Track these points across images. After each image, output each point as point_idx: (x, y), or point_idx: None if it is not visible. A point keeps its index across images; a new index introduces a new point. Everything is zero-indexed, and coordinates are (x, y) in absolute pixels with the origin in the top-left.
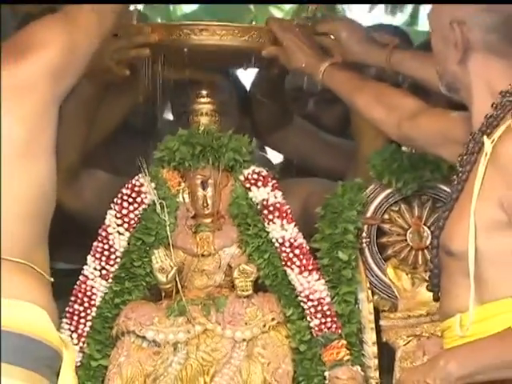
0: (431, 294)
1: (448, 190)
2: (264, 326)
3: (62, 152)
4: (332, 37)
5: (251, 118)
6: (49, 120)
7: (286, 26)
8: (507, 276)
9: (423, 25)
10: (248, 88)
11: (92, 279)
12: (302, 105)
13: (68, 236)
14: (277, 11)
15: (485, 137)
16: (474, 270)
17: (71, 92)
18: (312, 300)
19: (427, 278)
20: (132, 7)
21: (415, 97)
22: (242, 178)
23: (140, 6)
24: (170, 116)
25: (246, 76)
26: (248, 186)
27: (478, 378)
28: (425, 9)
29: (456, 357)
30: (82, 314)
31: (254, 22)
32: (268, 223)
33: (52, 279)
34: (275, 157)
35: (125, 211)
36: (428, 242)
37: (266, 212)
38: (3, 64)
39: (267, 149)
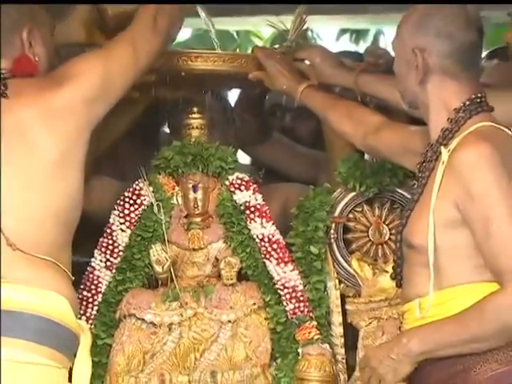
0: (390, 282)
1: (404, 193)
2: (246, 309)
3: None
4: (308, 62)
5: (236, 133)
6: (81, 142)
7: (269, 54)
8: (460, 266)
9: None
10: (233, 106)
11: (98, 270)
12: (280, 120)
13: (77, 233)
14: (258, 40)
15: (442, 147)
16: (432, 260)
17: None
18: (287, 287)
19: (391, 268)
20: None
21: (379, 113)
22: (227, 182)
23: None
24: (166, 129)
25: (232, 96)
26: (232, 189)
27: (436, 354)
28: (385, 37)
29: (417, 335)
30: (90, 300)
31: (237, 50)
32: (250, 222)
33: (73, 277)
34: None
35: (126, 211)
36: (387, 238)
37: (247, 212)
38: (45, 91)
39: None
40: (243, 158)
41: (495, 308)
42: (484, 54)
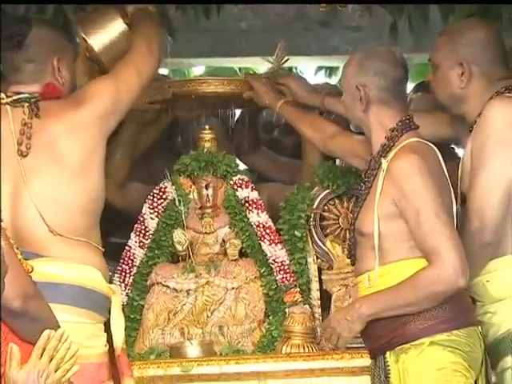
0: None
1: None
2: (246, 279)
3: (116, 170)
4: (286, 86)
5: (234, 144)
6: (99, 150)
7: (257, 78)
8: (398, 247)
9: None
10: (234, 122)
11: (133, 248)
12: (269, 134)
13: (119, 222)
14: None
15: (382, 158)
16: (377, 244)
17: (120, 130)
18: (277, 262)
19: (347, 250)
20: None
21: (337, 124)
22: (231, 182)
23: (163, 71)
24: (182, 141)
25: (231, 115)
26: (235, 187)
27: (381, 315)
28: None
29: (366, 301)
30: (127, 271)
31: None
32: (248, 212)
33: (103, 249)
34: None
35: (155, 204)
36: (347, 225)
37: (247, 205)
38: (69, 111)
39: None
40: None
41: (424, 280)
42: (411, 87)
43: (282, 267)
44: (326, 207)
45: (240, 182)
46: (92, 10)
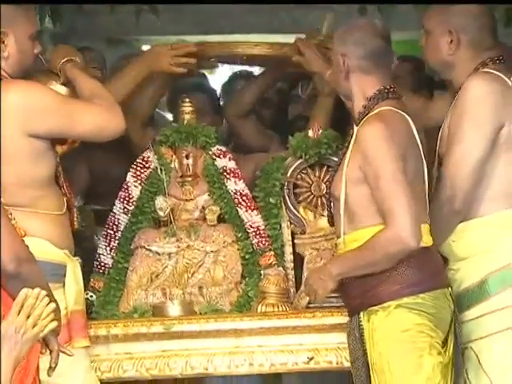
0: (326, 223)
1: (336, 159)
2: (224, 243)
3: (142, 111)
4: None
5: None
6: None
7: (309, 44)
8: (366, 213)
9: None
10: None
11: (118, 214)
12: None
13: (103, 189)
14: None
15: (355, 126)
16: (345, 208)
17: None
18: (253, 227)
19: (325, 213)
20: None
21: None
22: (210, 152)
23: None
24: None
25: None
26: (214, 157)
27: (348, 274)
28: None
29: (334, 262)
30: (112, 236)
31: None
32: (226, 181)
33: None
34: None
35: (138, 172)
36: (324, 192)
37: (225, 174)
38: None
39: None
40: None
41: (379, 241)
42: None
43: (257, 232)
44: (298, 176)
45: (218, 152)
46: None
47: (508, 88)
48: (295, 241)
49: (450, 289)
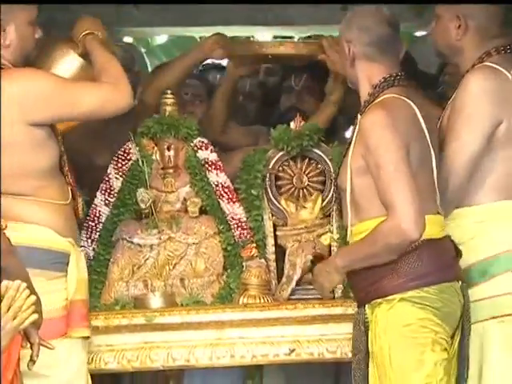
0: (308, 214)
1: (318, 151)
2: (206, 235)
3: (217, 117)
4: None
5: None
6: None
7: (332, 43)
8: (371, 203)
9: None
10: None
11: (99, 206)
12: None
13: (87, 181)
14: None
15: (359, 114)
16: (351, 198)
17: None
18: (235, 219)
19: (307, 205)
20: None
21: None
22: (192, 144)
23: (127, 39)
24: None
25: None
26: (196, 149)
27: (353, 267)
28: None
29: (339, 254)
30: (94, 228)
31: None
32: (208, 173)
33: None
34: None
35: (120, 164)
36: (306, 184)
37: (207, 165)
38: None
39: None
40: None
41: (380, 232)
42: None
43: (239, 224)
44: (280, 168)
45: (200, 143)
46: (41, 45)
47: (508, 82)
48: (277, 233)
49: (460, 282)
